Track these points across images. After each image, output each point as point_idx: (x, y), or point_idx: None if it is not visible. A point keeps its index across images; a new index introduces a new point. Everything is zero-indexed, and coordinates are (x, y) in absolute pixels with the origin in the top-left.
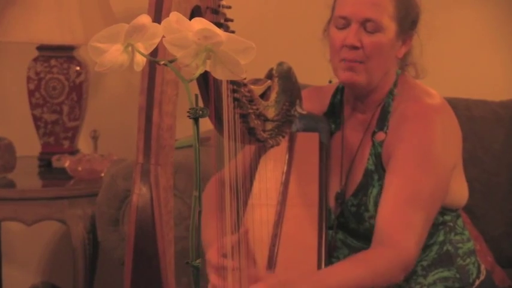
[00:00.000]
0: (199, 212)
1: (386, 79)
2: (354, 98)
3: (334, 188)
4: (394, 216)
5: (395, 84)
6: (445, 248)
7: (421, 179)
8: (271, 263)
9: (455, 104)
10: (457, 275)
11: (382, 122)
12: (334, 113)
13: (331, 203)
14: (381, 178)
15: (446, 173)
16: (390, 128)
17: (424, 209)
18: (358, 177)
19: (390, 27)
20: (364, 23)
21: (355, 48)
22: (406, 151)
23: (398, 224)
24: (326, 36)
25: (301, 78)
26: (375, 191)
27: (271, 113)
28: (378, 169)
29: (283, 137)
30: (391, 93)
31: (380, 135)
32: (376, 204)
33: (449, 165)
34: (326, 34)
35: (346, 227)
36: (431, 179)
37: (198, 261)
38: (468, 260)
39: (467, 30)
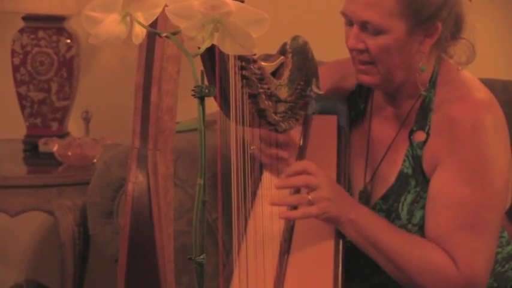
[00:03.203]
0: (204, 203)
1: (415, 73)
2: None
3: (357, 183)
4: (455, 244)
5: (434, 77)
6: None
7: (479, 198)
8: (282, 260)
9: (491, 85)
10: (495, 284)
11: (423, 120)
12: (361, 95)
13: (355, 198)
14: (419, 184)
15: (504, 179)
16: (433, 129)
17: (487, 227)
18: (389, 179)
19: (396, 26)
20: (363, 24)
21: (360, 51)
22: (458, 166)
23: (462, 251)
24: None
25: (318, 54)
26: (409, 197)
27: (284, 93)
28: (416, 174)
29: (298, 120)
30: (431, 87)
31: (419, 135)
32: (409, 213)
33: (506, 165)
34: None
35: None
36: (490, 193)
37: (202, 257)
38: (507, 266)
39: (505, 9)
